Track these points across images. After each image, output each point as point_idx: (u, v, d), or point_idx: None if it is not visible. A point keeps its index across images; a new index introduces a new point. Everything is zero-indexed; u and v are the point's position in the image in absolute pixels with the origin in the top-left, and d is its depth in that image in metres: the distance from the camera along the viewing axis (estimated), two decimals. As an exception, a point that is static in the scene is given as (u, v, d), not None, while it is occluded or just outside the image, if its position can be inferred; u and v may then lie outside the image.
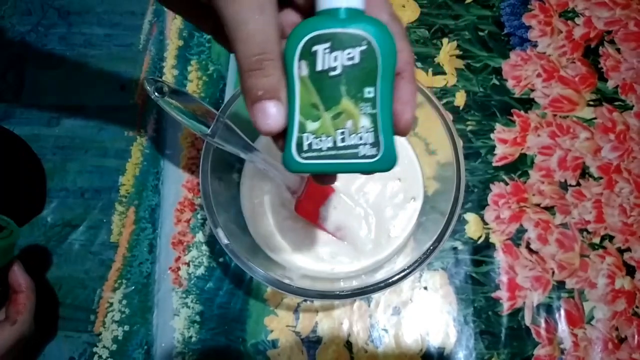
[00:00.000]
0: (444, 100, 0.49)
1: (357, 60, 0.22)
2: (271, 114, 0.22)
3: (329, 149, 0.23)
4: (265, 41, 0.21)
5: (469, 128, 0.48)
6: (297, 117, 0.23)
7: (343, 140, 0.23)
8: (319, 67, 0.22)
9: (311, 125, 0.23)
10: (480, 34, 0.52)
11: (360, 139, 0.23)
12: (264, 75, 0.22)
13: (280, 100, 0.22)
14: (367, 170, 0.24)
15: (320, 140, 0.23)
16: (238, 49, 0.22)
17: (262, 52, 0.22)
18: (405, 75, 0.24)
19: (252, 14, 0.21)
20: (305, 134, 0.23)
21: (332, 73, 0.22)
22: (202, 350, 0.42)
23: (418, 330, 0.42)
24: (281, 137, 0.24)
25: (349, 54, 0.22)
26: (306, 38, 0.22)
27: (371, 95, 0.22)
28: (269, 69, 0.22)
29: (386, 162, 0.24)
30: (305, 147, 0.23)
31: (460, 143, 0.38)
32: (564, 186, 0.46)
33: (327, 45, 0.22)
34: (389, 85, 0.23)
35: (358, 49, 0.22)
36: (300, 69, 0.22)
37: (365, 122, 0.23)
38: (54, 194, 0.48)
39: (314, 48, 0.22)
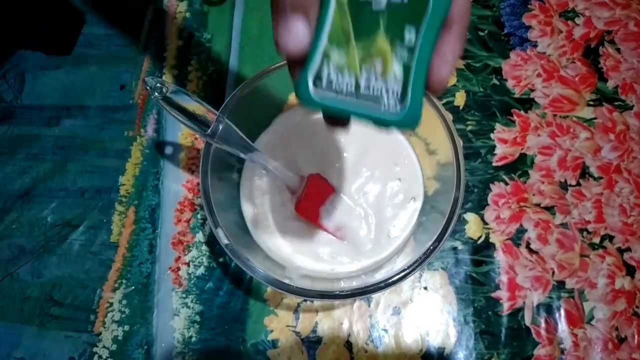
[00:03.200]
0: (444, 100, 0.49)
1: None
2: (295, 32, 0.20)
3: (349, 88, 0.21)
4: None
5: (469, 128, 0.48)
6: (324, 43, 0.20)
7: (368, 81, 0.20)
8: None
9: (336, 56, 0.20)
10: (480, 34, 0.52)
11: (387, 88, 0.20)
12: None
13: (308, 17, 0.20)
14: (385, 124, 0.21)
15: (342, 76, 0.20)
16: None
17: None
18: (455, 28, 0.21)
19: None
20: (328, 63, 0.20)
21: (376, 6, 0.20)
22: (202, 350, 0.42)
23: (418, 330, 0.42)
24: (298, 63, 0.21)
25: None
26: None
27: (411, 40, 0.20)
28: None
29: (409, 121, 0.21)
30: (324, 80, 0.21)
31: (460, 143, 0.38)
32: (564, 186, 0.46)
33: None
34: (433, 36, 0.20)
35: None
36: None
37: (397, 68, 0.20)
38: (54, 194, 0.48)
39: None
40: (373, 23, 0.20)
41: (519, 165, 0.47)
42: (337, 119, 0.24)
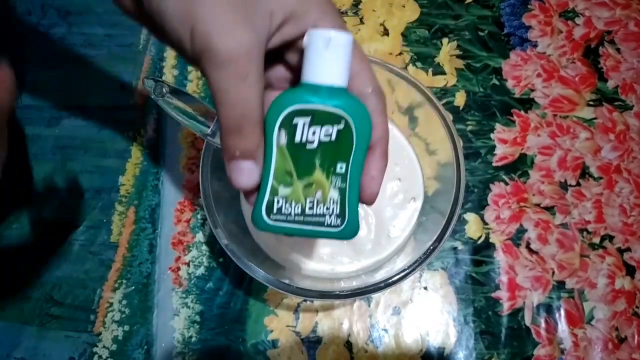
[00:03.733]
0: (444, 100, 0.49)
1: (333, 137, 0.23)
2: (245, 173, 0.24)
3: (297, 214, 0.24)
4: (246, 108, 0.22)
5: (469, 128, 0.48)
6: (271, 181, 0.24)
7: (311, 208, 0.24)
8: (297, 139, 0.23)
9: (283, 191, 0.24)
10: (480, 34, 0.52)
11: (328, 209, 0.24)
12: (243, 138, 0.23)
13: (255, 161, 0.23)
14: (329, 237, 0.25)
15: (290, 206, 0.24)
16: (220, 111, 0.22)
17: (243, 117, 0.22)
18: (377, 150, 0.25)
19: (236, 81, 0.21)
20: (276, 198, 0.24)
21: (309, 146, 0.23)
22: (202, 350, 0.42)
23: (418, 330, 0.42)
24: (253, 193, 0.25)
25: (326, 130, 0.23)
26: (288, 110, 0.23)
27: (342, 170, 0.24)
28: (247, 133, 0.23)
29: (349, 232, 0.25)
30: (274, 210, 0.24)
31: (460, 143, 0.38)
32: (564, 186, 0.46)
33: (307, 119, 0.23)
34: (360, 163, 0.24)
35: (336, 127, 0.23)
36: (279, 138, 0.23)
37: (334, 194, 0.24)
38: (54, 194, 0.48)
39: (295, 120, 0.23)
40: (310, 161, 0.24)
41: (519, 165, 0.47)
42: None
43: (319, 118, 0.23)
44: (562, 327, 0.42)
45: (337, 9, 0.25)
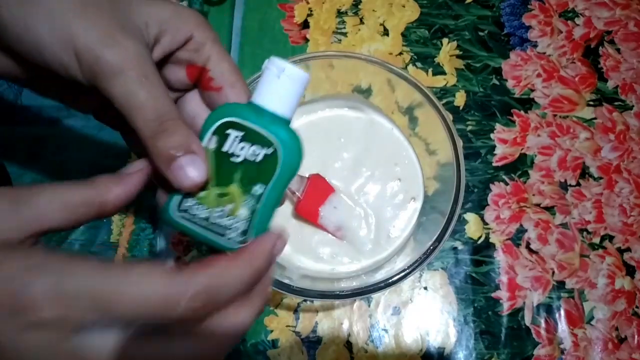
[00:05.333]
0: (444, 100, 0.49)
1: (259, 159, 0.23)
2: (190, 166, 0.22)
3: (202, 219, 0.24)
4: (160, 105, 0.22)
5: (469, 128, 0.48)
6: None
7: (219, 217, 0.24)
8: (225, 148, 0.23)
9: (198, 193, 0.24)
10: (480, 34, 0.52)
11: (233, 223, 0.24)
12: (170, 134, 0.22)
13: (195, 152, 0.22)
14: (227, 250, 0.25)
15: (199, 208, 0.24)
16: (136, 118, 0.21)
17: (161, 114, 0.22)
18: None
19: (139, 83, 0.21)
20: (190, 197, 0.24)
21: (234, 159, 0.24)
22: (202, 350, 0.42)
23: (418, 330, 0.42)
24: (167, 184, 0.24)
25: (254, 150, 0.23)
26: (227, 119, 0.23)
27: (258, 193, 0.24)
28: (173, 127, 0.22)
29: None
30: (184, 207, 0.24)
31: (460, 143, 0.38)
32: (564, 186, 0.46)
33: (240, 134, 0.23)
34: (279, 192, 0.24)
35: (264, 151, 0.23)
36: (209, 142, 0.24)
37: (244, 212, 0.24)
38: (54, 194, 0.48)
39: (229, 131, 0.23)
40: (231, 173, 0.24)
41: (519, 165, 0.47)
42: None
43: (251, 137, 0.23)
44: (562, 327, 0.42)
45: (209, 25, 0.26)
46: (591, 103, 0.49)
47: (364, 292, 0.35)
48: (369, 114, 0.44)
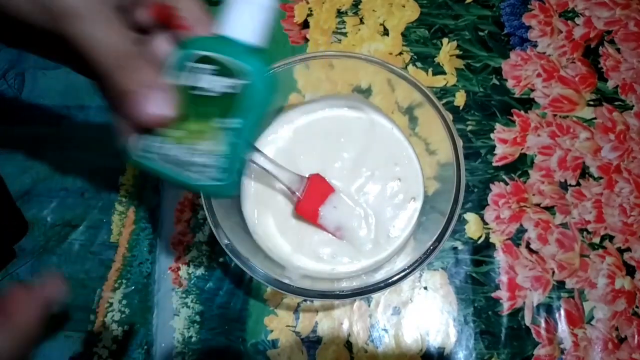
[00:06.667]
0: (444, 100, 0.49)
1: (237, 90, 0.22)
2: (155, 103, 0.22)
3: (174, 157, 0.23)
4: (118, 43, 0.21)
5: (469, 128, 0.48)
6: None
7: (195, 155, 0.23)
8: (194, 83, 0.22)
9: (168, 131, 0.23)
10: (480, 34, 0.52)
11: (214, 161, 0.23)
12: (131, 71, 0.22)
13: (159, 87, 0.22)
14: (203, 190, 0.24)
15: (170, 147, 0.23)
16: (98, 56, 0.21)
17: (120, 53, 0.21)
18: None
19: (100, 24, 0.21)
20: (157, 136, 0.23)
21: (208, 93, 0.22)
22: (202, 350, 0.42)
23: (418, 330, 0.42)
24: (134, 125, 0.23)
25: (231, 82, 0.22)
26: (198, 53, 0.22)
27: (238, 126, 0.23)
28: (133, 65, 0.22)
29: (228, 190, 0.24)
30: (152, 147, 0.23)
31: (460, 143, 0.38)
32: (564, 186, 0.46)
33: (213, 67, 0.22)
34: (255, 124, 0.23)
35: (241, 82, 0.22)
36: (179, 78, 0.23)
37: (224, 148, 0.23)
38: (54, 194, 0.48)
39: (197, 64, 0.22)
40: (208, 108, 0.23)
41: (519, 165, 0.47)
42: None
43: (227, 69, 0.22)
44: (562, 327, 0.42)
45: None
46: (591, 103, 0.49)
47: (364, 292, 0.35)
48: (369, 114, 0.44)
